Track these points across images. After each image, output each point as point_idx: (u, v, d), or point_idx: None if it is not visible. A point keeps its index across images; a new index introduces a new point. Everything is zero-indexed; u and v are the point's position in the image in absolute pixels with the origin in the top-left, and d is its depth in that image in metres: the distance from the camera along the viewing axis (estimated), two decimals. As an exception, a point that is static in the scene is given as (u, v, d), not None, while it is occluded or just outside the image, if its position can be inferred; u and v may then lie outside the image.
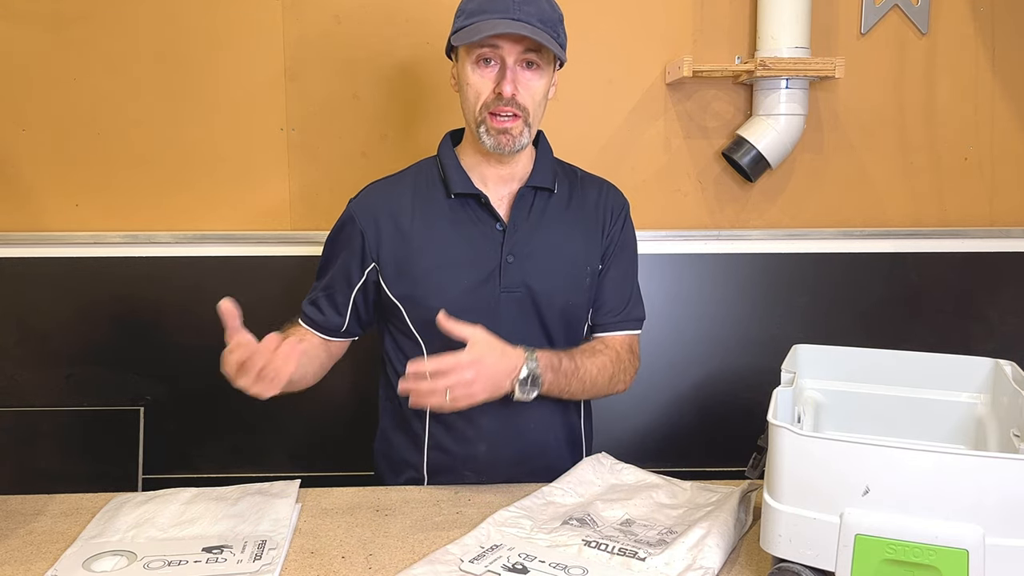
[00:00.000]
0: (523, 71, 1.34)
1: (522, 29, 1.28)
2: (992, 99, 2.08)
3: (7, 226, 2.00)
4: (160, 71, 1.98)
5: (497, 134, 1.34)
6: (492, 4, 1.31)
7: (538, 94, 1.35)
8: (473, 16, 1.32)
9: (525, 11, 1.30)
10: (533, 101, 1.35)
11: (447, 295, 1.39)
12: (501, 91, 1.31)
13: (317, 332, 1.46)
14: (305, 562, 1.10)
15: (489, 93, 1.33)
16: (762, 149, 1.95)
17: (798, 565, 0.97)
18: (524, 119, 1.34)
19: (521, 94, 1.33)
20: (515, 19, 1.29)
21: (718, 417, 2.06)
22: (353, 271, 1.43)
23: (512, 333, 1.40)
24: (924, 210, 2.10)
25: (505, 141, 1.34)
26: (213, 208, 2.02)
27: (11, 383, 2.00)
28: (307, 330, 1.46)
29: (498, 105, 1.32)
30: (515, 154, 1.39)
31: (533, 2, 1.32)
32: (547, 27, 1.32)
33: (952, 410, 1.22)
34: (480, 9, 1.32)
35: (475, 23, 1.31)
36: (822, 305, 2.07)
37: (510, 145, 1.35)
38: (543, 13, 1.32)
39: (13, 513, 1.24)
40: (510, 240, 1.41)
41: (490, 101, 1.33)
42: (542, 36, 1.30)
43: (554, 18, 1.35)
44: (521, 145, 1.36)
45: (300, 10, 1.98)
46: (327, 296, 1.45)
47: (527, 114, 1.34)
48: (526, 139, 1.36)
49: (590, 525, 1.17)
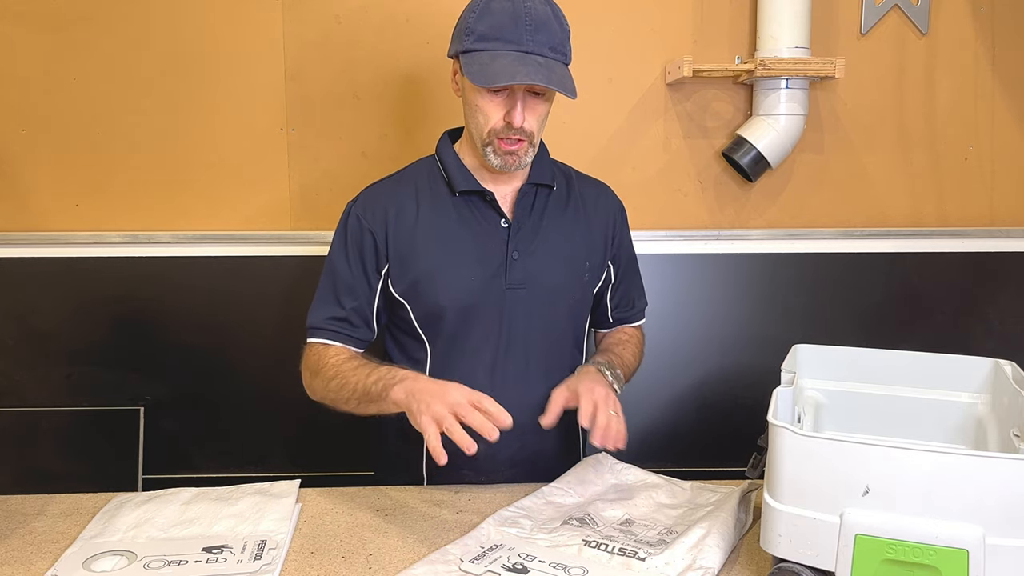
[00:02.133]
0: (531, 97, 1.34)
1: (538, 75, 1.27)
2: (992, 99, 2.08)
3: (7, 226, 2.00)
4: (160, 71, 1.98)
5: (504, 155, 1.35)
6: (503, 32, 1.29)
7: (543, 116, 1.37)
8: (484, 41, 1.30)
9: (538, 40, 1.29)
10: (538, 124, 1.36)
11: (453, 292, 1.39)
12: (511, 121, 1.32)
13: (352, 347, 1.42)
14: (305, 562, 1.10)
15: (498, 120, 1.33)
16: (762, 149, 1.95)
17: (798, 565, 0.97)
18: (529, 141, 1.36)
19: (528, 120, 1.33)
20: (528, 51, 1.29)
21: (718, 417, 2.06)
22: (371, 274, 1.42)
23: (516, 330, 1.42)
24: (924, 210, 2.10)
25: (511, 162, 1.36)
26: (213, 208, 2.02)
27: (11, 383, 2.00)
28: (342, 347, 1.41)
29: (507, 133, 1.33)
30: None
31: (544, 27, 1.30)
32: (558, 54, 1.32)
33: (952, 410, 1.22)
34: (491, 35, 1.30)
35: (487, 52, 1.30)
36: (822, 305, 2.07)
37: (516, 164, 1.37)
38: (554, 39, 1.31)
39: (13, 513, 1.24)
40: (515, 237, 1.41)
41: (499, 128, 1.33)
42: (555, 73, 1.29)
43: (563, 39, 1.34)
44: (526, 163, 1.38)
45: (300, 10, 1.98)
46: (355, 310, 1.42)
47: (532, 136, 1.36)
48: (530, 157, 1.38)
49: (590, 525, 1.17)
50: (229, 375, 2.01)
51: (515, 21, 1.29)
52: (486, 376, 1.41)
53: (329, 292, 1.43)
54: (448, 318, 1.40)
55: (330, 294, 1.43)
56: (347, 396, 1.32)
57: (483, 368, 1.41)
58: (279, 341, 1.97)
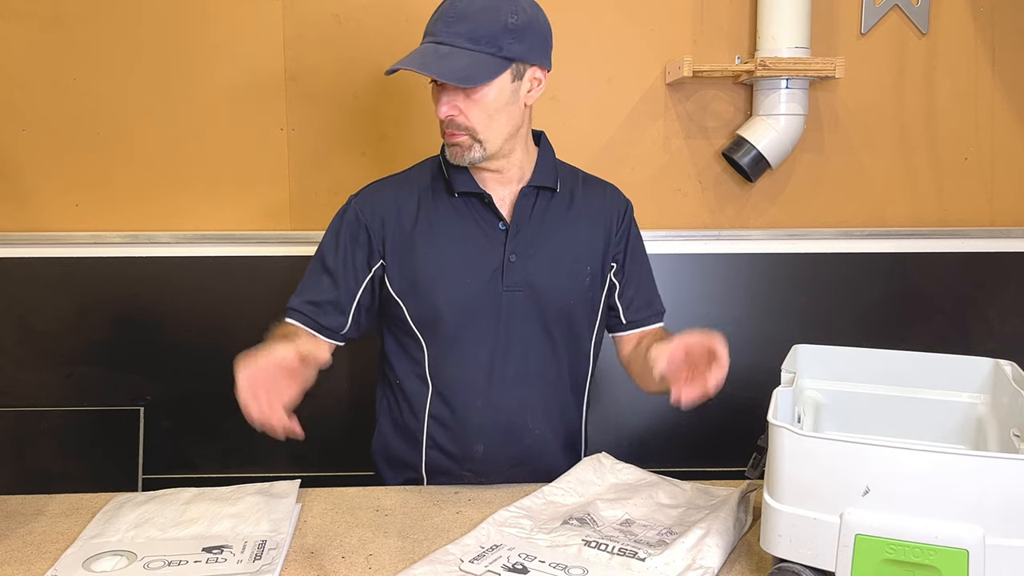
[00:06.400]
0: (454, 91, 1.31)
1: (412, 63, 1.28)
2: (992, 99, 2.08)
3: (7, 226, 2.00)
4: (160, 71, 1.98)
5: (450, 146, 1.36)
6: (430, 25, 1.33)
7: (485, 110, 1.32)
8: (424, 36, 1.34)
9: (453, 31, 1.29)
10: (479, 118, 1.33)
11: (449, 294, 1.39)
12: (438, 114, 1.34)
13: (316, 333, 1.40)
14: (305, 562, 1.10)
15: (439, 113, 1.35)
16: (762, 149, 1.95)
17: (798, 565, 0.97)
18: (471, 135, 1.34)
19: (461, 115, 1.32)
20: (438, 42, 1.30)
21: (718, 417, 2.05)
22: (360, 268, 1.42)
23: (513, 332, 1.41)
24: (924, 210, 2.10)
25: (455, 153, 1.36)
26: (213, 208, 2.02)
27: (11, 383, 2.00)
28: (303, 330, 1.40)
29: (445, 125, 1.35)
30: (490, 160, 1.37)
31: (469, 19, 1.29)
32: (480, 44, 1.29)
33: (952, 410, 1.22)
34: (427, 30, 1.34)
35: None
36: (822, 305, 2.07)
37: (459, 158, 1.36)
38: (478, 30, 1.28)
39: (13, 513, 1.24)
40: (512, 239, 1.41)
41: (442, 121, 1.35)
42: (445, 63, 1.27)
43: (495, 29, 1.29)
44: (472, 159, 1.36)
45: (300, 10, 1.98)
46: (331, 299, 1.41)
47: (473, 131, 1.33)
48: (478, 153, 1.35)
49: (590, 525, 1.17)
50: (229, 375, 1.99)
51: (440, 14, 1.32)
52: (484, 377, 1.41)
53: (311, 277, 1.44)
54: (445, 319, 1.40)
55: (312, 279, 1.43)
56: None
57: (481, 369, 1.41)
58: (279, 341, 1.96)
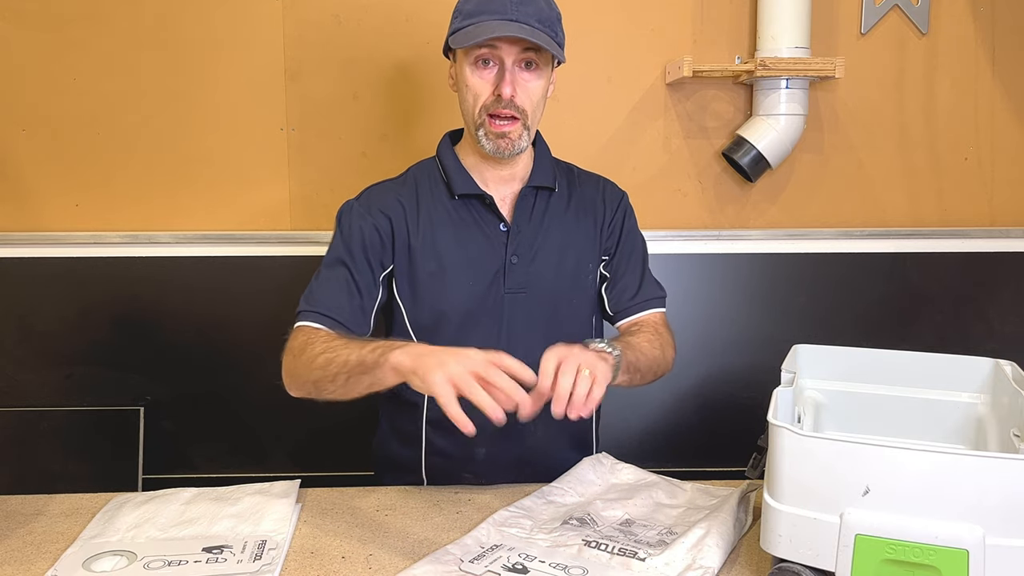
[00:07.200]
0: (521, 72, 1.33)
1: (520, 31, 1.28)
2: (992, 99, 2.08)
3: (7, 226, 2.00)
4: (160, 71, 1.98)
5: (496, 138, 1.34)
6: (489, 5, 1.31)
7: (536, 95, 1.35)
8: (471, 17, 1.32)
9: (523, 11, 1.30)
10: (531, 102, 1.34)
11: (451, 297, 1.38)
12: (500, 93, 1.31)
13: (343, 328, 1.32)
14: (305, 562, 1.10)
15: (488, 95, 1.33)
16: (762, 149, 1.95)
17: (798, 565, 0.97)
18: (523, 122, 1.34)
19: (520, 96, 1.32)
20: (513, 20, 1.29)
21: (718, 417, 2.05)
22: (376, 271, 1.38)
23: (515, 334, 1.40)
24: (924, 210, 2.10)
25: (504, 145, 1.34)
26: (213, 208, 2.02)
27: (11, 383, 2.00)
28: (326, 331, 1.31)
29: (497, 107, 1.32)
30: (515, 156, 1.39)
31: (531, 2, 1.32)
32: (545, 27, 1.32)
33: (952, 410, 1.22)
34: (478, 10, 1.31)
35: (473, 25, 1.31)
36: (822, 305, 2.07)
37: (509, 149, 1.35)
38: (541, 13, 1.32)
39: (13, 513, 1.24)
40: (514, 241, 1.40)
41: (489, 103, 1.33)
42: (540, 37, 1.30)
43: (552, 17, 1.34)
44: (520, 148, 1.36)
45: (300, 10, 1.98)
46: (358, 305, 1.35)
47: (525, 116, 1.34)
48: (525, 142, 1.36)
49: (590, 525, 1.17)
50: (229, 375, 2.01)
51: None
52: None
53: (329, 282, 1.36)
54: (446, 322, 1.39)
55: (331, 284, 1.36)
56: (335, 372, 1.19)
57: None
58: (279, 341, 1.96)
